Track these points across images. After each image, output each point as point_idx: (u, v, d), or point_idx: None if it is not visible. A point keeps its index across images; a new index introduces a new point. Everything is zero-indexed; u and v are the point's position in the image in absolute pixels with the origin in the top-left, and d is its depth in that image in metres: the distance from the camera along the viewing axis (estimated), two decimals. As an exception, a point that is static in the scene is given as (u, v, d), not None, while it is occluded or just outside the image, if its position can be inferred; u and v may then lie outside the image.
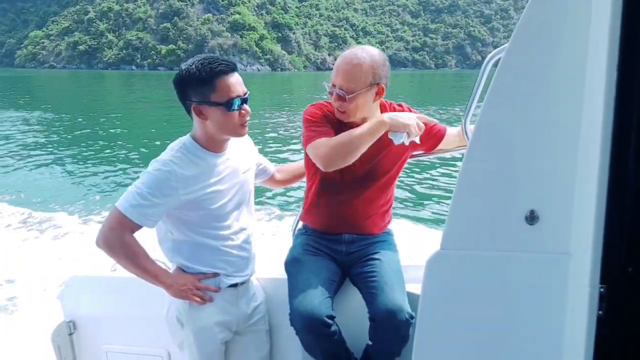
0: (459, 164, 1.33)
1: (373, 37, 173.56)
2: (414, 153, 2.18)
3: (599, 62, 1.07)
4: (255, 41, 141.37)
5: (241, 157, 1.99)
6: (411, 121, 1.91)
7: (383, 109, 2.09)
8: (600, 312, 1.09)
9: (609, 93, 1.03)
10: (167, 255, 1.95)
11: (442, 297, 1.34)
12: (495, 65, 1.47)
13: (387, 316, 1.83)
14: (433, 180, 11.44)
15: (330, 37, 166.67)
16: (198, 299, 1.86)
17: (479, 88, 1.81)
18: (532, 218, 1.24)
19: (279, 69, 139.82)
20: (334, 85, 1.95)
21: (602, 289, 1.09)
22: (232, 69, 1.79)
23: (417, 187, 10.79)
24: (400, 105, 2.14)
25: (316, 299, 1.87)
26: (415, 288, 1.88)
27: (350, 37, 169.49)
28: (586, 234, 1.11)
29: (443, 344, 1.37)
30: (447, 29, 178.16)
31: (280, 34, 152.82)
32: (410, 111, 2.10)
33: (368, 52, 1.94)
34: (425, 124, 2.07)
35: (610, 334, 1.10)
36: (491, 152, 1.26)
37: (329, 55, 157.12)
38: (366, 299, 1.95)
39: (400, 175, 2.17)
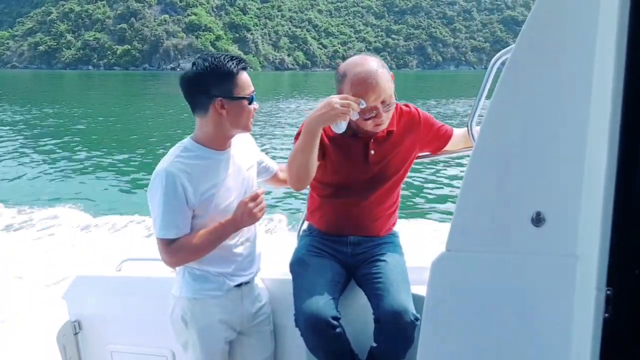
0: (465, 164, 1.32)
1: (335, 37, 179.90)
2: (421, 154, 2.22)
3: (606, 62, 1.07)
4: (210, 41, 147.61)
5: (243, 154, 2.02)
6: (335, 107, 1.84)
7: None
8: (606, 314, 1.10)
9: (616, 93, 1.04)
10: None
11: (447, 299, 1.35)
12: (501, 66, 1.51)
13: (392, 318, 1.86)
14: (439, 181, 11.62)
15: (291, 38, 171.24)
16: (263, 210, 1.91)
17: (485, 89, 1.85)
18: (538, 220, 1.24)
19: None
20: (375, 107, 1.92)
21: (608, 292, 1.09)
22: (246, 66, 1.88)
23: (423, 188, 10.90)
24: (407, 106, 2.17)
25: (321, 300, 1.90)
26: (421, 290, 1.83)
27: (312, 37, 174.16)
28: (593, 236, 1.12)
29: (448, 346, 1.38)
30: (410, 29, 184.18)
31: (237, 35, 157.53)
32: (418, 112, 2.16)
33: (378, 61, 1.97)
34: (433, 126, 2.16)
35: (616, 337, 1.11)
36: (497, 153, 1.27)
37: (288, 55, 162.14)
38: (371, 300, 1.98)
39: (406, 176, 2.20)
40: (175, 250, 1.84)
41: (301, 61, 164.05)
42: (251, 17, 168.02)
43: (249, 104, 1.87)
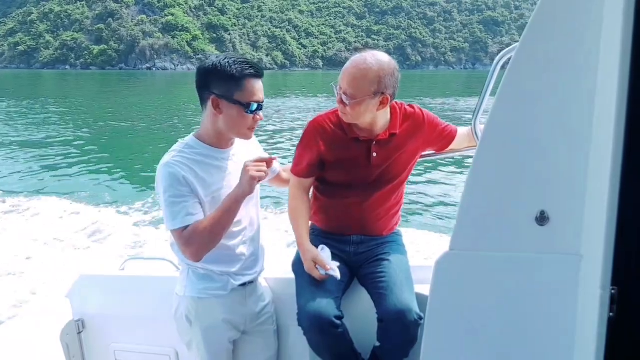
0: (469, 163, 1.33)
1: (315, 38, 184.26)
2: (424, 153, 2.23)
3: (611, 61, 1.08)
4: (187, 41, 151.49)
5: (246, 153, 2.01)
6: (315, 270, 1.98)
7: (394, 110, 2.11)
8: (611, 314, 1.11)
9: (621, 92, 1.05)
10: (177, 256, 2.00)
11: (451, 298, 1.36)
12: (505, 65, 1.52)
13: (395, 317, 1.88)
14: (442, 180, 11.55)
15: (270, 38, 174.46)
16: (261, 172, 1.86)
17: (488, 88, 1.87)
18: (542, 219, 1.25)
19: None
20: (340, 87, 1.97)
21: (613, 291, 1.10)
22: (261, 75, 1.88)
23: (427, 187, 10.83)
24: (411, 107, 2.16)
25: (324, 299, 1.92)
26: (424, 289, 1.89)
27: (292, 38, 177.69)
28: (597, 235, 1.13)
29: (452, 345, 1.38)
30: (390, 30, 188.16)
31: (215, 35, 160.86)
32: (422, 112, 2.16)
33: (378, 60, 1.92)
34: (437, 126, 2.17)
35: (621, 337, 1.12)
36: (501, 152, 1.27)
37: (267, 55, 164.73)
38: (375, 299, 2.00)
39: (409, 176, 2.20)
40: (188, 237, 1.82)
41: (280, 61, 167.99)
42: (229, 18, 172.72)
43: (248, 111, 1.86)
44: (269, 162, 1.91)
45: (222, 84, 1.84)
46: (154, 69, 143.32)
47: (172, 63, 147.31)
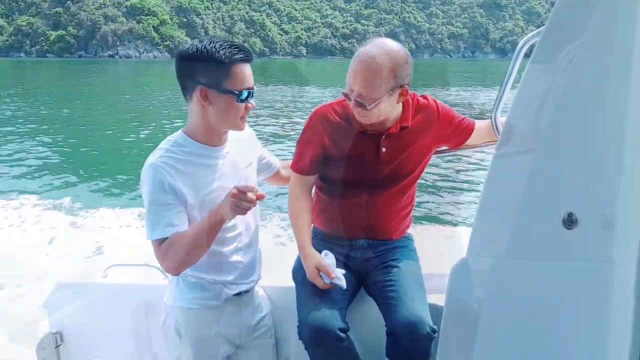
0: (489, 160, 1.29)
1: (299, 23, 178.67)
2: (439, 149, 2.15)
3: None
4: (154, 27, 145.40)
5: (242, 150, 1.97)
6: (315, 274, 1.90)
7: (405, 101, 2.03)
8: None
9: None
10: None
11: (468, 310, 1.29)
12: (529, 52, 1.41)
13: (406, 329, 1.79)
14: (459, 178, 11.10)
15: (247, 23, 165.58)
16: (247, 206, 1.72)
17: (510, 77, 1.74)
18: (570, 222, 1.18)
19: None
20: (351, 90, 1.87)
21: None
22: (250, 59, 1.81)
23: (441, 187, 10.34)
24: (424, 97, 2.08)
25: (327, 310, 1.84)
26: (438, 299, 1.81)
27: (272, 23, 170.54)
28: (631, 239, 1.07)
29: None
30: (381, 14, 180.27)
31: (185, 19, 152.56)
32: (437, 104, 2.07)
33: (387, 52, 1.83)
34: (453, 119, 2.09)
35: None
36: (524, 147, 1.20)
37: (244, 42, 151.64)
38: (383, 310, 1.93)
39: (422, 174, 2.13)
40: (165, 251, 1.76)
41: (258, 48, 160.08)
42: (202, 1, 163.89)
43: (240, 100, 1.78)
44: (259, 196, 1.77)
45: (210, 72, 1.75)
46: (117, 56, 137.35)
47: (136, 50, 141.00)
